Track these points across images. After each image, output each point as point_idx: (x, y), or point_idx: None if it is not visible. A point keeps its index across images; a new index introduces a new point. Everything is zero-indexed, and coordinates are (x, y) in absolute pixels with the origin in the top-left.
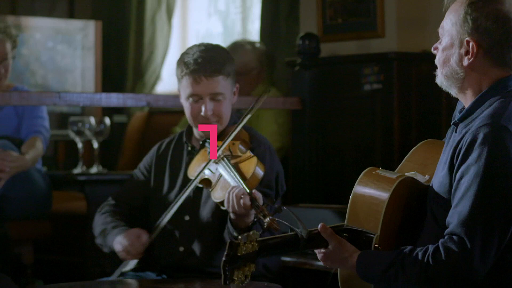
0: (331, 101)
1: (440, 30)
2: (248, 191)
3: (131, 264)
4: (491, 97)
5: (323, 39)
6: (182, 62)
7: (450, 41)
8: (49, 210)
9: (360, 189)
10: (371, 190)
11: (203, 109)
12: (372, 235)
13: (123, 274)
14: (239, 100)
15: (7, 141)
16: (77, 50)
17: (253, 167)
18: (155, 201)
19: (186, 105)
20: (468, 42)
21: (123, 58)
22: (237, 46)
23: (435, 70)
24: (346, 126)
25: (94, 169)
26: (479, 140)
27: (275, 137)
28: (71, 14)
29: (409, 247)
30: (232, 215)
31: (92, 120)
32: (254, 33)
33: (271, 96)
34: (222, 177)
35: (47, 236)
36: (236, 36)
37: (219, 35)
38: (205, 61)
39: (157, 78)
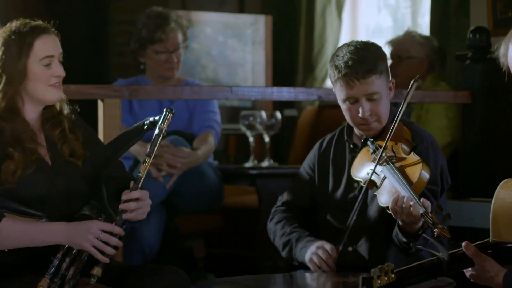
0: (502, 94)
1: None
2: (417, 199)
3: None
4: None
5: (494, 32)
6: (333, 65)
7: None
8: (221, 204)
9: (499, 201)
10: (510, 200)
11: (360, 110)
12: None
13: None
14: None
15: (179, 136)
16: (247, 44)
17: (419, 171)
18: (320, 200)
19: (343, 107)
20: None
21: (293, 52)
22: (408, 36)
23: None
24: None
25: (265, 163)
26: None
27: (445, 131)
28: (241, 9)
29: None
30: (400, 222)
31: (263, 114)
32: (424, 27)
33: (441, 89)
34: (387, 181)
35: (219, 230)
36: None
37: (389, 29)
38: (355, 63)
39: (327, 72)
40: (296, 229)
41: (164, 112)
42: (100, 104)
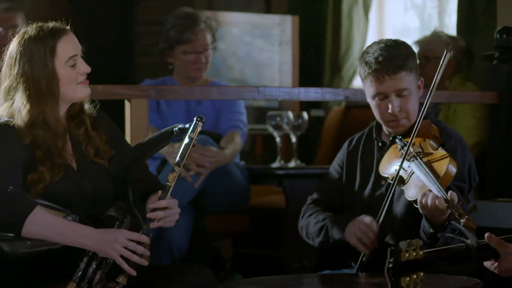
0: None
1: None
2: (443, 192)
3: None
4: None
5: None
6: (363, 61)
7: None
8: (248, 205)
9: None
10: None
11: (389, 106)
12: None
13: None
14: (434, 94)
15: (207, 136)
16: (274, 44)
17: (446, 165)
18: (347, 198)
19: (372, 103)
20: None
21: (320, 53)
22: (435, 36)
23: None
24: None
25: (292, 163)
26: None
27: (472, 131)
28: (268, 9)
29: None
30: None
31: (290, 114)
32: (451, 27)
33: (468, 90)
34: (415, 175)
35: (246, 230)
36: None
37: (416, 30)
38: (386, 59)
39: (354, 72)
40: (329, 215)
41: (194, 121)
42: (127, 104)
